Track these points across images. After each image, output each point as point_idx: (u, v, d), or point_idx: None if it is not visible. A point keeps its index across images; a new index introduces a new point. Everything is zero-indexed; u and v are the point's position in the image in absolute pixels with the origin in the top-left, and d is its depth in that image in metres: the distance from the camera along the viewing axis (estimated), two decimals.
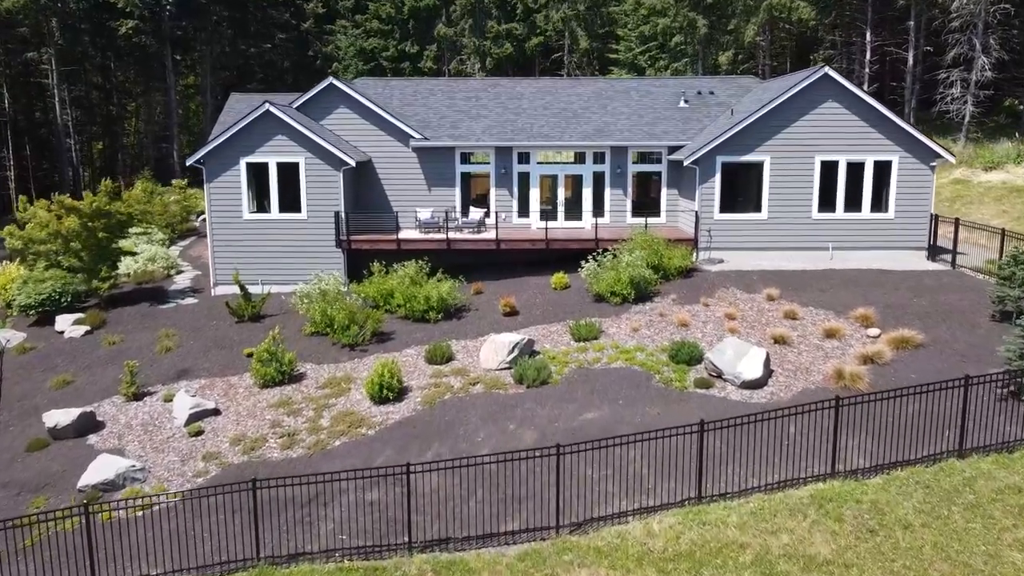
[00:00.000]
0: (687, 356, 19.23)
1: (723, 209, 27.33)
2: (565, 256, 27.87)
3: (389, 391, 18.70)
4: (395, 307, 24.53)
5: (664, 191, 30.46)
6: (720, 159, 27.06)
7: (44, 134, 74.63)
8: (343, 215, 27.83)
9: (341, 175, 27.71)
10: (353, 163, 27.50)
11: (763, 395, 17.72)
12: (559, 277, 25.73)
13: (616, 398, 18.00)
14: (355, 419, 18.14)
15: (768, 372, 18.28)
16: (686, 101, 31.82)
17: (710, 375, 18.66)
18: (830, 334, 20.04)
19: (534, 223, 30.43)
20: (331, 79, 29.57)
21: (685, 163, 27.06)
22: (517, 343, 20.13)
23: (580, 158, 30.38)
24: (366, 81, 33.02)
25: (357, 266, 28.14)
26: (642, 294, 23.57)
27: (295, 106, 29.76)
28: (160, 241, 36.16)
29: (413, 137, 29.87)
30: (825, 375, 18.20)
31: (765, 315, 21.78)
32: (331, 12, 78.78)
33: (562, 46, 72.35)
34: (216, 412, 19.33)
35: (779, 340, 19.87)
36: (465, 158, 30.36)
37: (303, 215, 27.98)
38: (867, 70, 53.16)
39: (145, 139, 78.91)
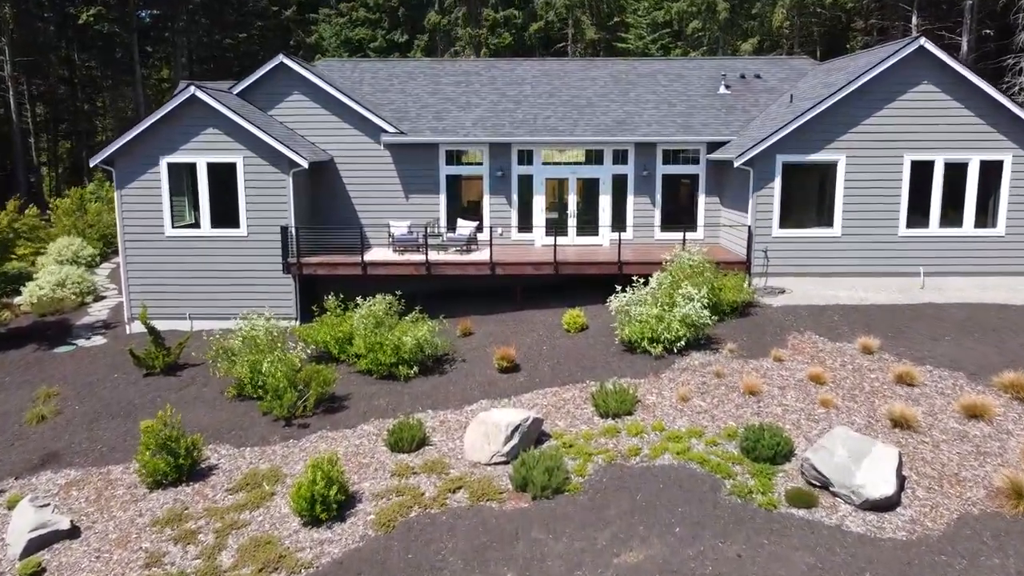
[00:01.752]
0: (770, 450, 12.98)
1: (784, 223, 21.12)
2: (578, 282, 21.65)
3: (326, 508, 12.44)
4: (353, 358, 18.29)
5: (702, 199, 24.22)
6: (781, 159, 20.85)
7: (6, 131, 68.35)
8: (293, 231, 21.60)
9: (291, 179, 21.48)
10: (306, 164, 21.27)
11: (900, 524, 11.46)
12: (574, 316, 19.47)
13: (669, 522, 11.76)
14: (271, 555, 11.87)
15: (901, 482, 12.04)
16: (727, 87, 25.58)
17: (810, 483, 12.41)
18: (972, 412, 13.79)
19: (538, 239, 24.21)
20: (281, 56, 23.32)
21: (736, 163, 20.82)
22: (518, 426, 13.88)
23: (596, 157, 24.14)
24: (330, 63, 26.80)
25: (313, 296, 21.91)
26: (689, 342, 17.34)
27: (237, 91, 23.51)
28: (87, 259, 29.87)
29: (386, 131, 23.64)
30: (989, 488, 11.96)
31: (866, 378, 15.52)
32: None
33: (565, 35, 66.15)
34: (73, 533, 13.07)
35: (900, 422, 13.61)
36: (452, 157, 24.12)
37: (242, 230, 21.75)
38: None
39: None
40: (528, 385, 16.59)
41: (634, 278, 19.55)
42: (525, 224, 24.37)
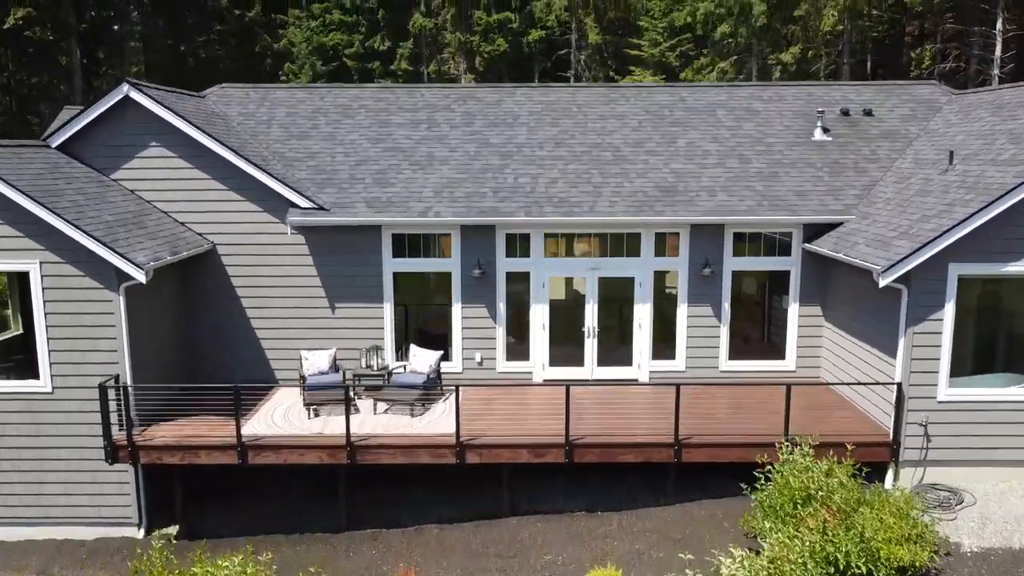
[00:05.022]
0: None
1: (957, 376, 12.38)
2: (604, 467, 12.99)
3: None
4: None
5: (795, 309, 15.46)
6: (956, 271, 12.11)
7: None
8: (127, 385, 12.84)
9: (122, 299, 12.74)
10: (145, 275, 12.49)
11: None
12: None
13: None
14: None
15: None
16: (825, 129, 16.76)
17: None
18: None
19: (538, 371, 15.50)
20: (126, 87, 14.50)
21: (882, 280, 12.00)
22: None
23: (630, 246, 15.41)
24: (229, 92, 17.89)
25: (170, 487, 13.20)
26: None
27: (63, 139, 14.74)
28: None
29: (297, 205, 14.89)
30: None
31: None
32: None
33: (568, 41, 57.40)
34: None
35: None
36: (403, 245, 15.37)
37: (43, 383, 12.99)
38: (997, 70, 38.17)
39: None
40: None
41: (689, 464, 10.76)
42: (519, 348, 15.60)
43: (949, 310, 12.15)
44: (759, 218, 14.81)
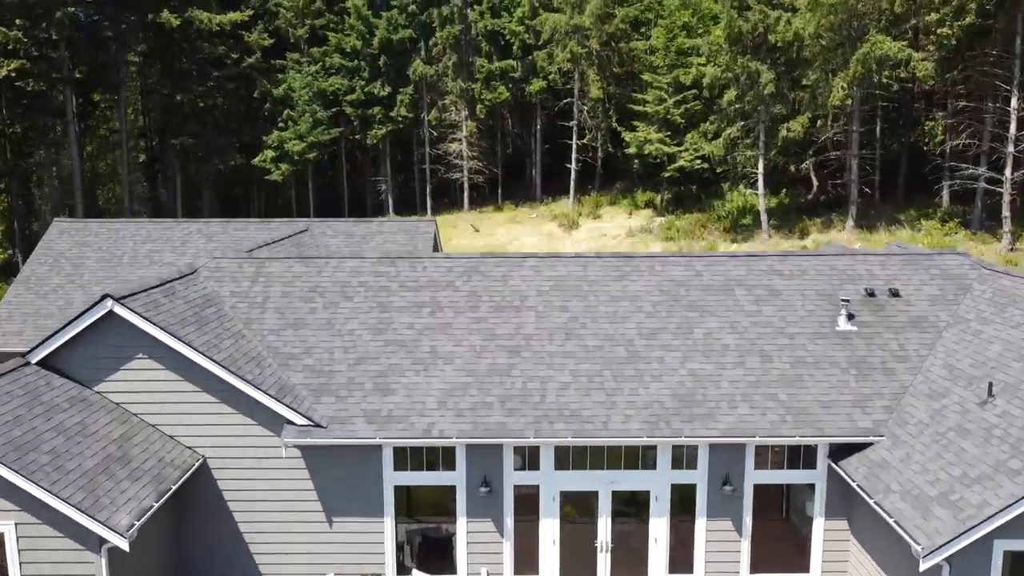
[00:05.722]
0: None
1: None
2: None
3: None
4: None
5: (820, 523, 14.62)
6: (1001, 546, 11.27)
7: None
8: None
9: (104, 560, 11.88)
10: (127, 541, 11.63)
11: None
12: None
13: None
14: None
15: None
16: (850, 316, 15.90)
17: None
18: None
19: None
20: (110, 302, 13.60)
21: (924, 562, 11.14)
22: None
23: (645, 458, 14.57)
24: (220, 263, 16.92)
25: None
26: None
27: (40, 357, 13.87)
28: None
29: (292, 422, 14.04)
30: None
31: None
32: (281, 42, 62.79)
33: (570, 90, 56.68)
34: None
35: None
36: (405, 458, 14.54)
37: None
38: (1011, 148, 37.42)
39: (42, 209, 62.65)
40: None
41: None
42: (527, 563, 14.75)
43: None
44: (782, 435, 13.96)
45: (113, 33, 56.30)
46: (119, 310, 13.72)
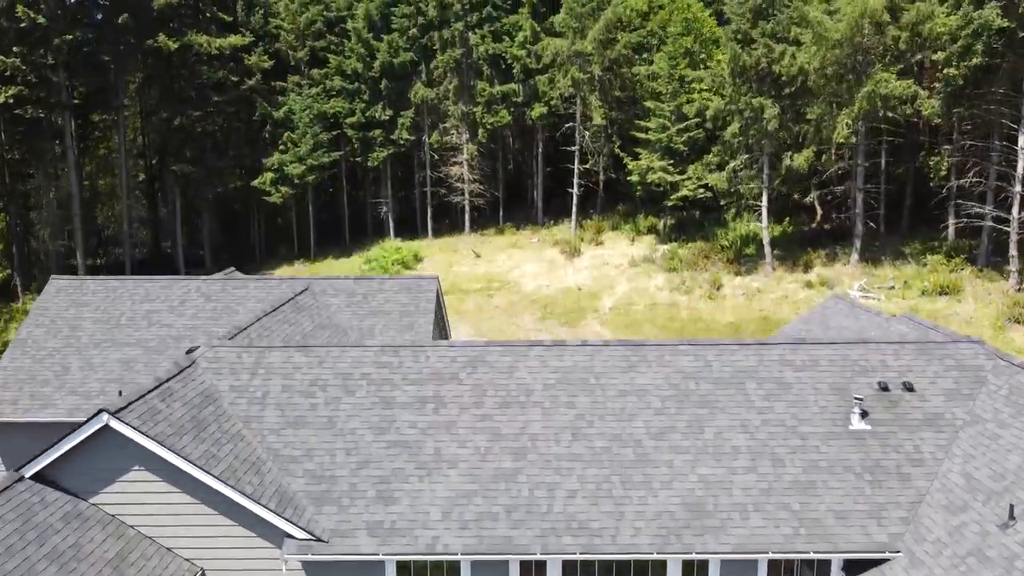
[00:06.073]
0: None
1: None
2: None
3: None
4: None
5: None
6: None
7: None
8: None
9: None
10: None
11: None
12: None
13: None
14: None
15: None
16: (863, 413, 15.54)
17: None
18: None
19: None
20: (105, 416, 13.25)
21: None
22: None
23: (654, 572, 14.20)
24: (218, 352, 16.59)
25: None
26: None
27: (34, 471, 13.48)
28: None
29: (292, 536, 13.68)
30: None
31: None
32: (281, 64, 62.30)
33: (572, 115, 56.30)
34: None
35: None
36: (408, 568, 14.18)
37: None
38: (1019, 187, 37.06)
39: (40, 232, 62.21)
40: None
41: None
42: None
43: None
44: (795, 555, 13.60)
45: (111, 57, 55.81)
46: (115, 424, 13.36)
